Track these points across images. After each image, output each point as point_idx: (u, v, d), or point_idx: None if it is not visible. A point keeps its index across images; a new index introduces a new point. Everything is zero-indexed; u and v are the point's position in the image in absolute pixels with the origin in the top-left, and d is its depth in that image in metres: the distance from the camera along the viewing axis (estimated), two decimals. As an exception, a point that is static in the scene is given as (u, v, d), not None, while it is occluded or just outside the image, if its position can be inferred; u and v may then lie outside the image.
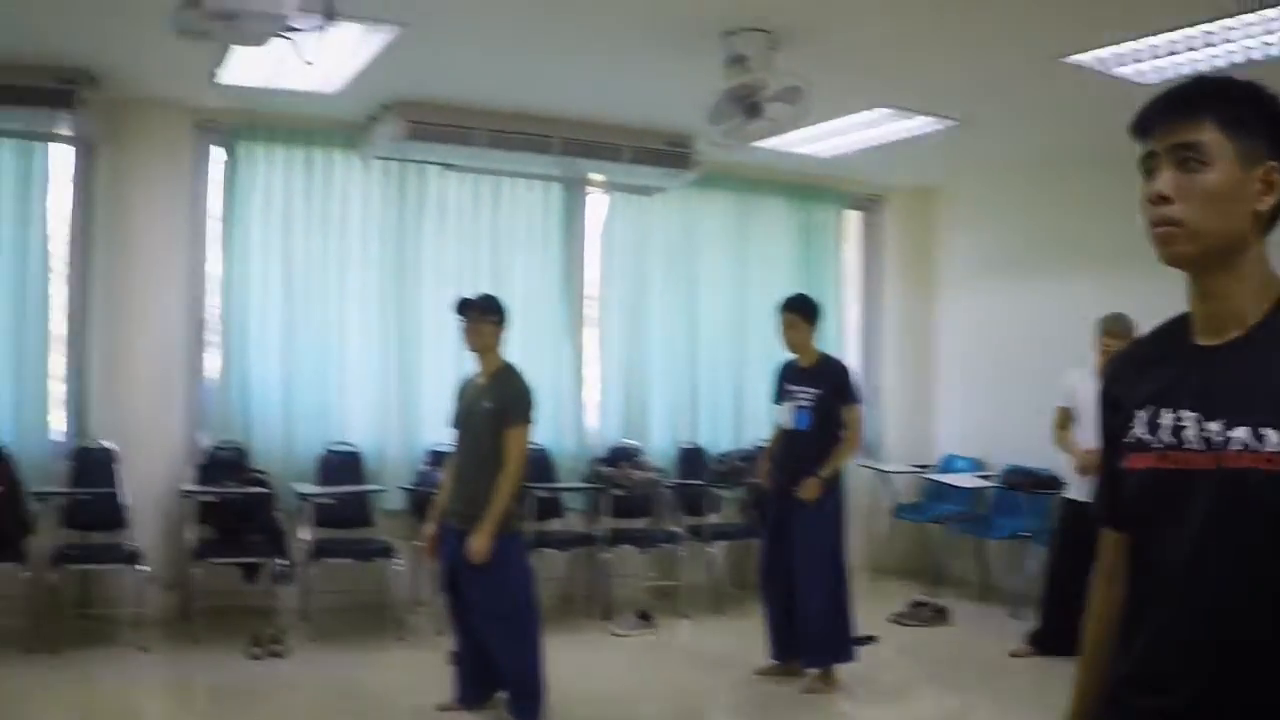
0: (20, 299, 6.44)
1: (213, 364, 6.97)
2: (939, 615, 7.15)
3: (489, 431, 4.88)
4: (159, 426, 6.68)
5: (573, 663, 5.87)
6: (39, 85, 5.99)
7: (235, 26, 3.75)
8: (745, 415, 8.07)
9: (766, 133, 5.57)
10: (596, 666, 6.17)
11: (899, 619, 7.09)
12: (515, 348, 7.10)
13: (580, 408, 7.72)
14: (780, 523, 5.84)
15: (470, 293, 5.31)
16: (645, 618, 6.84)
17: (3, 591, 5.93)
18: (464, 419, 5.06)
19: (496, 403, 4.90)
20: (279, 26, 3.79)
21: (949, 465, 8.51)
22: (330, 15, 3.95)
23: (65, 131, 6.59)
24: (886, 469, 8.52)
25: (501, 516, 4.78)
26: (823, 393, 5.74)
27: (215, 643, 6.16)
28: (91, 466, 6.45)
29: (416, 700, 5.34)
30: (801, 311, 5.82)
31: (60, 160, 6.73)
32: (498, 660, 5.01)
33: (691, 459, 7.90)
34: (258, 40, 3.99)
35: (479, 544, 4.75)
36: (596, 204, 7.90)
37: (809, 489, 5.61)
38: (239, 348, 6.90)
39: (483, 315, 5.03)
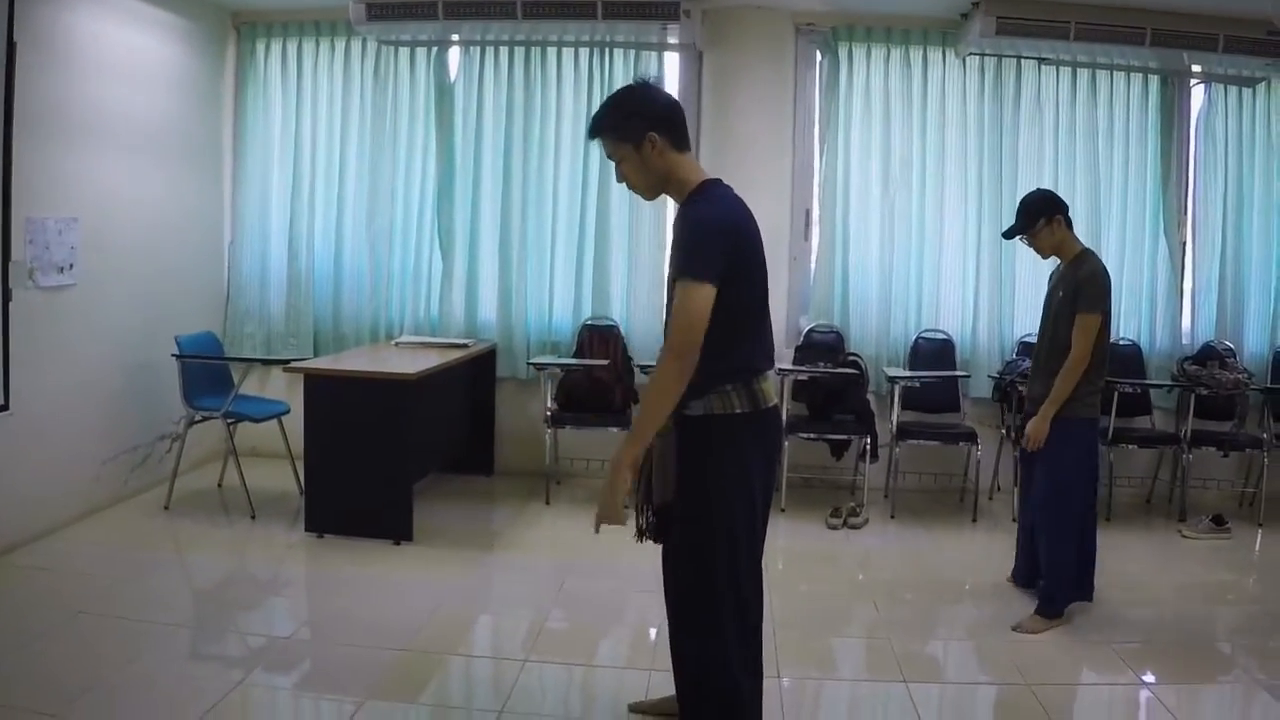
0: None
1: (813, 253, 7.56)
2: None
3: (1063, 318, 4.87)
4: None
5: (1138, 559, 6.07)
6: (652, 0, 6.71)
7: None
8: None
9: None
10: (1160, 566, 6.09)
11: None
12: (1112, 242, 7.35)
13: (1175, 305, 7.49)
14: None
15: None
16: (1220, 523, 6.72)
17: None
18: (1045, 306, 5.12)
19: (1068, 290, 4.87)
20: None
21: None
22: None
23: (673, 40, 7.27)
24: None
25: (1060, 403, 4.81)
26: None
27: (798, 512, 6.82)
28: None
29: (979, 578, 5.66)
30: None
31: (669, 66, 7.52)
32: (1036, 543, 5.11)
33: (1284, 364, 7.49)
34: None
35: (1034, 428, 4.90)
36: (1197, 97, 7.55)
37: None
38: (838, 238, 7.44)
39: (1028, 229, 5.02)
